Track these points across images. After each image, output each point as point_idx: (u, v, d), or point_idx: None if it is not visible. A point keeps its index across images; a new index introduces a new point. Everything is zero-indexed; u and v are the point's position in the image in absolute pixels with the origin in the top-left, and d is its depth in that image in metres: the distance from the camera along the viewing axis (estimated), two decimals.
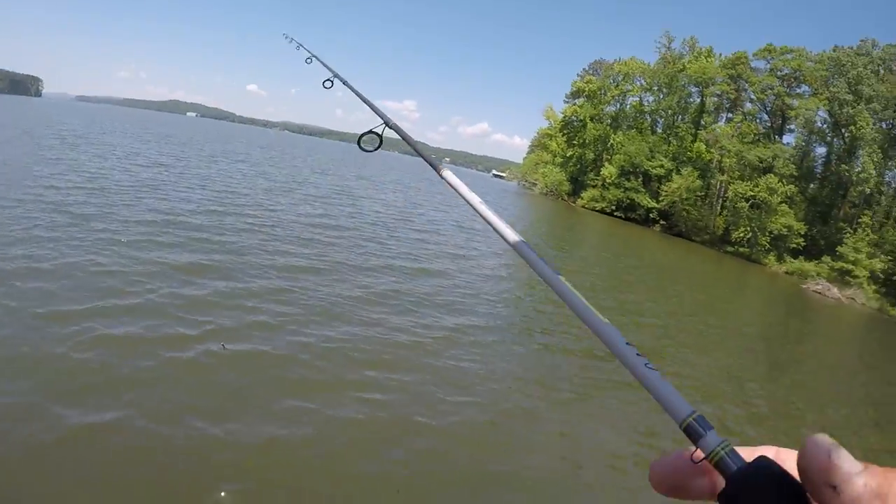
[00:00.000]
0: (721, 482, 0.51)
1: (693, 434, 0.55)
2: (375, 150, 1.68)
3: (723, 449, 0.52)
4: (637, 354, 0.64)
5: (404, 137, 1.52)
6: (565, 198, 73.14)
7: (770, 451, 0.54)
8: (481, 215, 0.97)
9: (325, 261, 13.41)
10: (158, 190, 18.28)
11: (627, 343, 0.65)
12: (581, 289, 0.71)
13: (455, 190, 1.13)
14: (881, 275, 40.31)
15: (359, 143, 1.68)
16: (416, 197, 38.85)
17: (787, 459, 0.51)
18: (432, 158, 1.32)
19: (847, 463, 0.43)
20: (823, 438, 0.45)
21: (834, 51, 52.17)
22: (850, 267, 41.48)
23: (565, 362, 10.50)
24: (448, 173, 1.21)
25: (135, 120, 70.90)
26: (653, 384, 0.60)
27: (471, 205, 1.02)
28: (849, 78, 48.48)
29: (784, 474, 0.47)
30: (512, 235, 0.89)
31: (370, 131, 1.63)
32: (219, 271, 10.67)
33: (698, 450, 0.54)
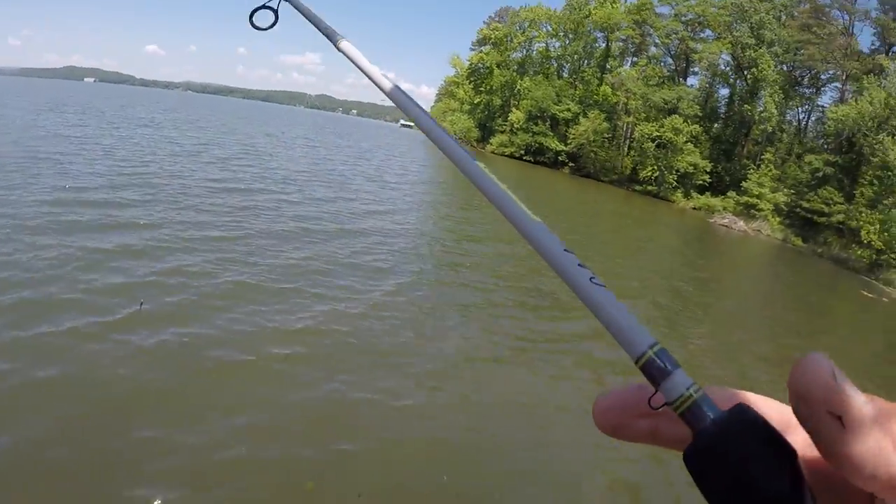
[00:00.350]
0: (683, 431, 0.38)
1: (653, 373, 0.40)
2: (270, 27, 1.41)
3: (695, 393, 0.38)
4: (579, 265, 0.48)
5: (302, 10, 1.33)
6: (474, 144, 72.30)
7: (729, 394, 0.42)
8: (381, 88, 0.94)
9: (242, 228, 12.21)
10: (59, 164, 15.87)
11: (566, 250, 0.50)
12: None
13: (354, 62, 1.05)
14: (784, 207, 42.11)
15: (251, 20, 1.41)
16: (323, 152, 37.53)
17: (754, 404, 0.39)
18: (329, 29, 1.20)
19: (853, 389, 0.34)
20: (823, 358, 0.35)
21: None
22: (755, 201, 43.08)
23: (503, 317, 9.91)
24: (346, 44, 1.11)
25: (28, 90, 63.72)
26: (600, 306, 0.44)
27: (371, 78, 0.97)
28: (751, 23, 49.65)
29: (770, 429, 0.35)
30: (418, 112, 0.77)
31: (263, 6, 1.40)
32: (129, 250, 9.38)
33: (659, 393, 0.40)
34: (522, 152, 63.39)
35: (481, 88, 73.48)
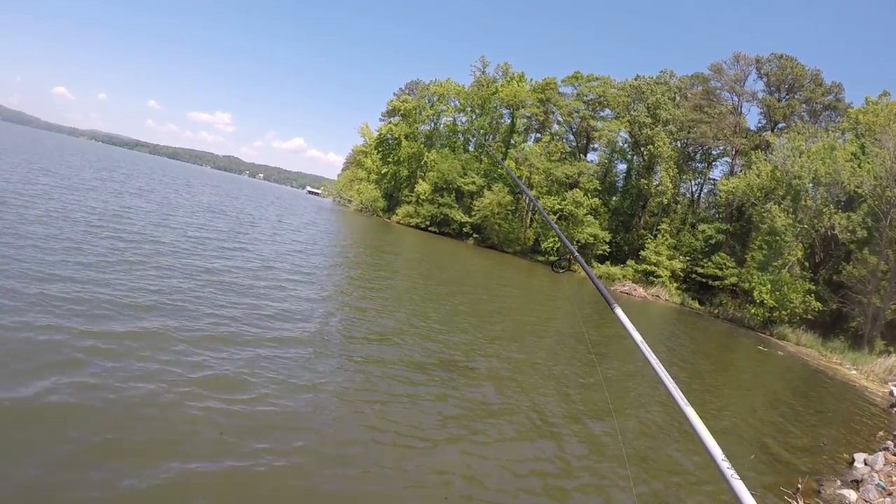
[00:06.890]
0: None
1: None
2: (565, 271, 2.72)
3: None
4: (728, 467, 0.96)
5: (588, 273, 2.34)
6: (380, 214, 71.40)
7: None
8: (643, 352, 1.38)
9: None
10: None
11: (723, 458, 0.99)
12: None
13: (624, 326, 1.56)
14: (681, 273, 43.08)
15: (552, 267, 2.86)
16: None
17: None
18: (608, 296, 1.78)
19: None
20: None
21: (636, 79, 56.06)
22: (653, 268, 43.66)
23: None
24: (619, 310, 1.65)
25: None
26: (737, 490, 0.91)
27: (636, 342, 1.44)
28: (648, 104, 52.19)
29: None
30: (665, 378, 1.41)
31: (562, 259, 3.01)
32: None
33: None
34: (428, 223, 62.72)
35: (389, 159, 73.13)
